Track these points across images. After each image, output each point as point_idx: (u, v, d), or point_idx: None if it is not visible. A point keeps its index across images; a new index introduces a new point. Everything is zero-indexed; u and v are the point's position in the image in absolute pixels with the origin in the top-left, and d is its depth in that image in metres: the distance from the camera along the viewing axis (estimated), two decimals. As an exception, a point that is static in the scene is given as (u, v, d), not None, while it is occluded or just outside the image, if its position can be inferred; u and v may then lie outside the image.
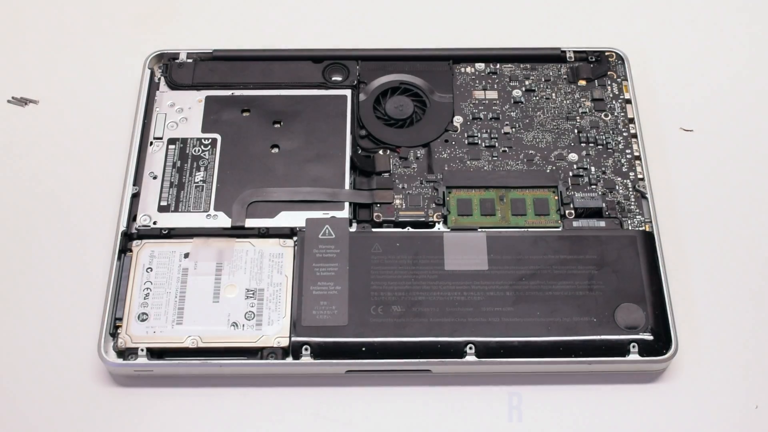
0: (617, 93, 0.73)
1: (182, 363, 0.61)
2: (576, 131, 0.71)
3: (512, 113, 0.72)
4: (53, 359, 0.64)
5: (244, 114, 0.72)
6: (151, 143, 0.70)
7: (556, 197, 0.68)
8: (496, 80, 0.74)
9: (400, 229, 0.67)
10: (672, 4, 0.83)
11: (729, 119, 0.76)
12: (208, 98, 0.72)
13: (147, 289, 0.63)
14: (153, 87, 0.73)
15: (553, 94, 0.73)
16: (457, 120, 0.72)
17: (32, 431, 0.61)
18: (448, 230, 0.66)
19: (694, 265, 0.68)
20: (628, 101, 0.73)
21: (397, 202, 0.68)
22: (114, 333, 0.62)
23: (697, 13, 0.82)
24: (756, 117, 0.76)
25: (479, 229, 0.66)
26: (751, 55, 0.79)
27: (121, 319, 0.62)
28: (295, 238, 0.66)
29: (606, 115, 0.72)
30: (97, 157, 0.72)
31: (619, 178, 0.69)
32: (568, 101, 0.73)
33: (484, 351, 0.61)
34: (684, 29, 0.81)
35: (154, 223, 0.66)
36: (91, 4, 0.82)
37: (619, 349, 0.62)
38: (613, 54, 0.75)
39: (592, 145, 0.71)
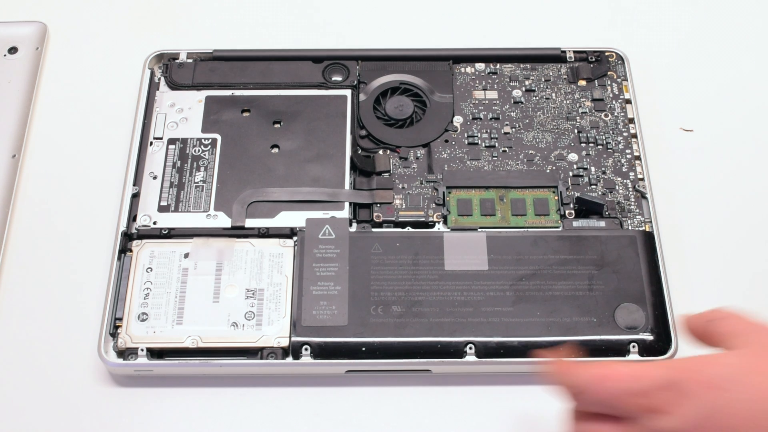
0: (617, 93, 0.73)
1: (182, 363, 0.61)
2: (576, 131, 0.71)
3: (512, 113, 0.72)
4: (53, 359, 0.64)
5: (244, 114, 0.72)
6: (151, 143, 0.70)
7: (556, 197, 0.68)
8: (496, 80, 0.74)
9: (400, 229, 0.67)
10: (672, 4, 0.83)
11: (729, 119, 0.75)
12: (208, 98, 0.72)
13: (147, 289, 0.63)
14: (153, 87, 0.73)
15: (553, 94, 0.73)
16: (457, 120, 0.72)
17: (32, 431, 0.61)
18: (448, 230, 0.66)
19: (694, 264, 0.68)
20: (628, 101, 0.73)
21: (397, 202, 0.68)
22: (114, 333, 0.62)
23: (697, 14, 0.82)
24: (756, 117, 0.76)
25: (479, 229, 0.66)
26: (752, 55, 0.79)
27: (121, 319, 0.62)
28: (295, 238, 0.66)
29: (606, 115, 0.72)
30: (97, 157, 0.72)
31: (619, 178, 0.69)
32: (568, 101, 0.73)
33: (484, 351, 0.61)
34: (684, 29, 0.81)
35: (154, 223, 0.66)
36: (91, 4, 0.82)
37: (619, 349, 0.62)
38: (613, 54, 0.75)
39: (592, 145, 0.71)
